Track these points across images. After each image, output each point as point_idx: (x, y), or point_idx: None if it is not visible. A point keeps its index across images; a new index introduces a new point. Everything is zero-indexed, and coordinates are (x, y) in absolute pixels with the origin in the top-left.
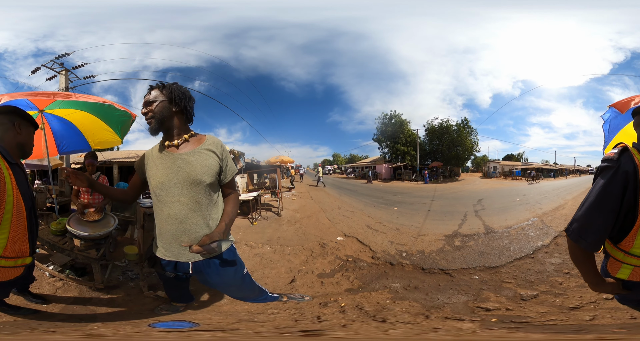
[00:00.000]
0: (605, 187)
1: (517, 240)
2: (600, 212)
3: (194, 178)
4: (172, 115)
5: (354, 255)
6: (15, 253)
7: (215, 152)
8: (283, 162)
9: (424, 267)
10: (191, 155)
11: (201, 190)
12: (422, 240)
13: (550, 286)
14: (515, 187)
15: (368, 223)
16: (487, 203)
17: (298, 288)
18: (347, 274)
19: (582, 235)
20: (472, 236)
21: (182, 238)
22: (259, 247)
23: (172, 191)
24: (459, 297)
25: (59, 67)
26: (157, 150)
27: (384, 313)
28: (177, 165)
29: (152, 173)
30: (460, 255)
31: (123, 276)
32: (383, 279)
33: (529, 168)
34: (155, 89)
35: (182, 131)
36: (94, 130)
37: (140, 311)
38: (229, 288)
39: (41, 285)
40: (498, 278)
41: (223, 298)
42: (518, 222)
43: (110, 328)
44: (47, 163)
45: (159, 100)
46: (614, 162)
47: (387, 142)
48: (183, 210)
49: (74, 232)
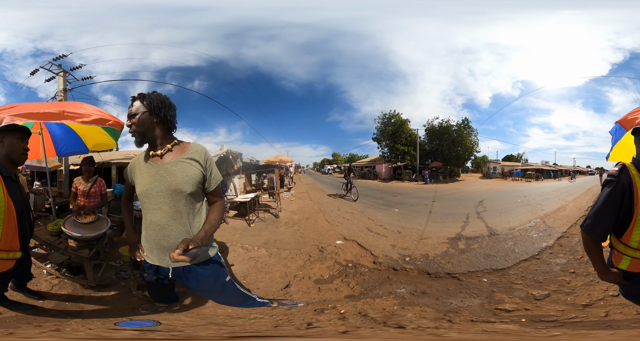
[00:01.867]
0: (609, 195)
1: (521, 242)
2: (605, 212)
3: (174, 187)
4: (154, 126)
5: (354, 259)
6: (7, 246)
7: (198, 161)
8: (282, 162)
9: (429, 272)
10: (174, 164)
11: (182, 199)
12: (425, 243)
13: (559, 286)
14: (515, 188)
15: (368, 225)
16: (489, 204)
17: (292, 294)
18: (347, 280)
19: (593, 229)
20: (476, 238)
21: (163, 243)
22: (254, 250)
23: (155, 199)
24: (473, 300)
25: (57, 68)
26: (142, 158)
27: (395, 319)
28: (160, 174)
29: (138, 181)
30: (466, 258)
31: (116, 276)
32: (387, 285)
33: (528, 168)
34: (137, 100)
35: (164, 141)
36: (90, 133)
37: (123, 309)
38: (208, 293)
39: (39, 282)
40: (507, 279)
41: (208, 301)
42: (521, 224)
43: (81, 325)
44: (47, 168)
45: (140, 112)
46: (616, 177)
47: (386, 142)
48: (164, 217)
49: (68, 233)
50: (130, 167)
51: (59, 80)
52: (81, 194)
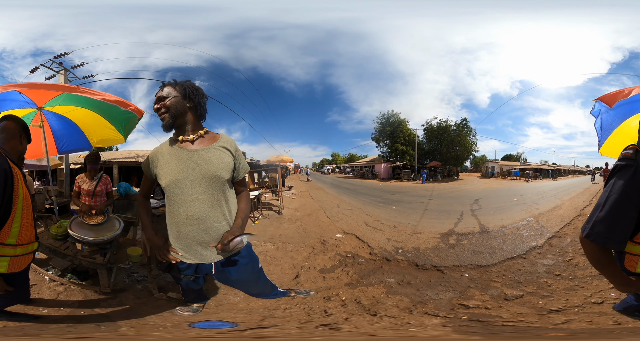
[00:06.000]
0: (628, 184)
1: (510, 240)
2: (625, 209)
3: (212, 174)
4: (186, 110)
5: (353, 251)
6: (26, 239)
7: (229, 150)
8: (282, 161)
9: (418, 263)
10: (208, 151)
11: (220, 186)
12: (418, 237)
13: (537, 288)
14: (512, 187)
15: (366, 221)
16: (484, 202)
17: (302, 283)
18: (347, 269)
19: (610, 236)
20: (467, 235)
21: (204, 238)
22: (261, 245)
23: (189, 189)
24: (446, 294)
25: (57, 66)
26: (167, 146)
27: (377, 307)
28: (193, 161)
29: (164, 171)
30: (454, 253)
31: (129, 278)
32: (379, 274)
33: (527, 168)
34: (168, 86)
35: (196, 127)
36: (95, 127)
37: (155, 313)
38: (248, 284)
39: (41, 289)
40: (487, 277)
41: (236, 297)
42: (513, 222)
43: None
44: (46, 163)
45: (173, 96)
46: (633, 161)
47: (385, 142)
48: (203, 208)
49: (76, 237)
50: (152, 157)
51: (60, 79)
52: (85, 194)
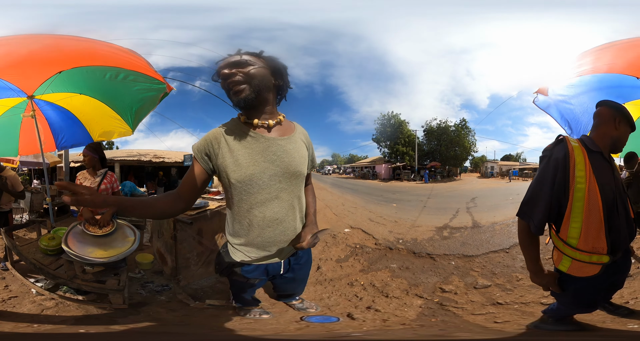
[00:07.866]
0: (541, 173)
1: (498, 235)
2: (541, 193)
3: (294, 169)
4: (271, 87)
5: (361, 242)
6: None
7: (304, 141)
8: None
9: (415, 251)
10: (288, 142)
11: (299, 183)
12: (416, 230)
13: (506, 281)
14: (510, 187)
15: (370, 217)
16: (480, 201)
17: (325, 273)
18: (358, 258)
19: (532, 217)
20: (460, 229)
21: (281, 238)
22: None
23: (267, 185)
24: (433, 278)
25: None
26: (233, 130)
27: (387, 289)
28: (272, 151)
29: (233, 161)
30: (445, 244)
31: (144, 289)
32: (384, 260)
33: (526, 168)
34: (251, 55)
35: (275, 111)
36: (96, 118)
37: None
38: (302, 282)
39: (22, 302)
40: (469, 266)
41: None
42: (505, 219)
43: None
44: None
45: (257, 65)
46: (549, 151)
47: (386, 142)
48: (283, 208)
49: (74, 257)
50: (211, 142)
51: None
52: None
